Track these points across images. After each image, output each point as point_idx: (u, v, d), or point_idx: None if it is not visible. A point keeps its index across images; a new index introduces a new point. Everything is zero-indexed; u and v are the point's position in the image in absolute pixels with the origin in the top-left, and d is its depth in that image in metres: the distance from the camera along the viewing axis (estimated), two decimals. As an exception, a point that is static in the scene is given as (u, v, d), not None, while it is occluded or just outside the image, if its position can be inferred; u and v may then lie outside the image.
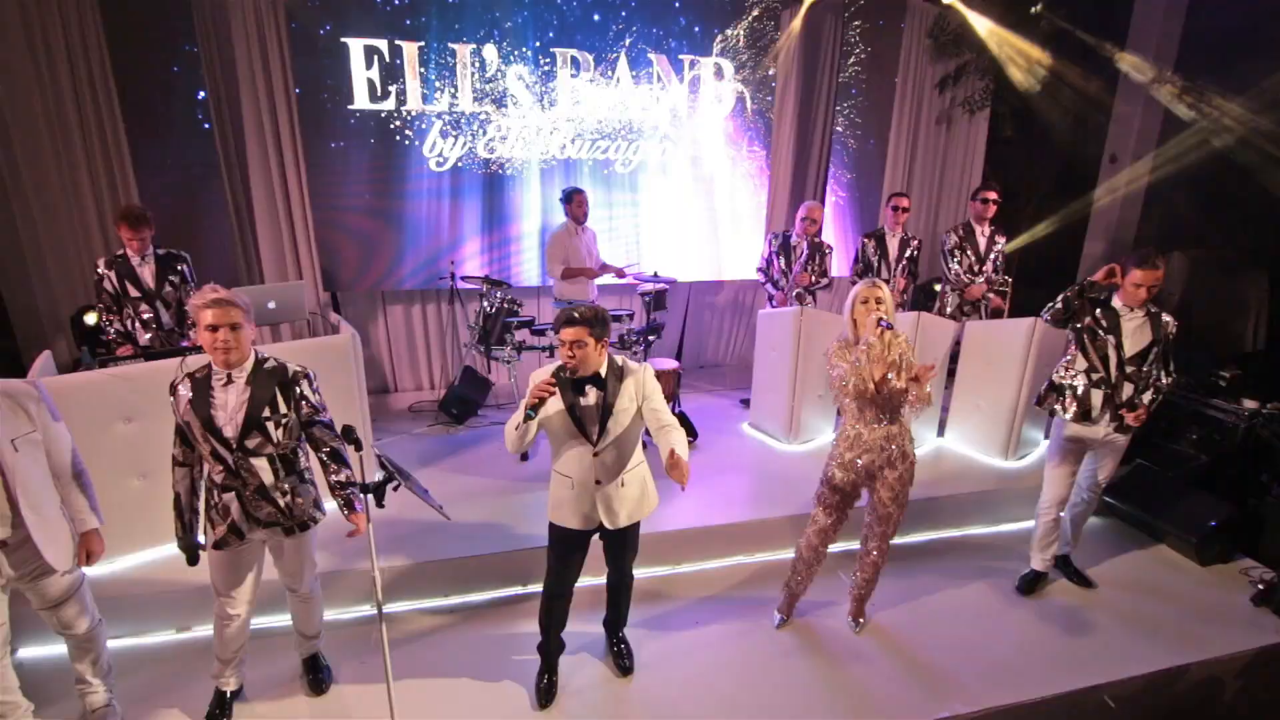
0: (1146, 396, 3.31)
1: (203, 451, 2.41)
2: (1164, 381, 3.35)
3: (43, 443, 2.35)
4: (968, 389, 4.74)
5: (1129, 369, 3.27)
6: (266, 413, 2.39)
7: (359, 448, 2.28)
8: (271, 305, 3.95)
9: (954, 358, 4.79)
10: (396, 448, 4.69)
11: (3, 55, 4.29)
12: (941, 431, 4.93)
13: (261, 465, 2.43)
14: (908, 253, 5.14)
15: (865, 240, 5.24)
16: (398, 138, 5.19)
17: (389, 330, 5.66)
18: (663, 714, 2.85)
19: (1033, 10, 5.80)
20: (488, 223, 5.57)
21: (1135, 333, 3.27)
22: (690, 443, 4.65)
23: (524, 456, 4.42)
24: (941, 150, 6.39)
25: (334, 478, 2.47)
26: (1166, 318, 3.28)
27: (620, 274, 5.23)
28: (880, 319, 2.76)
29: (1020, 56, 5.85)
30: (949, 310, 5.06)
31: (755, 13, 5.71)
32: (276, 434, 2.42)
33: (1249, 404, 4.89)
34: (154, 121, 4.80)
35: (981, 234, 4.99)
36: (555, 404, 2.50)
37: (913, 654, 3.22)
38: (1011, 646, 3.29)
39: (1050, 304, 3.40)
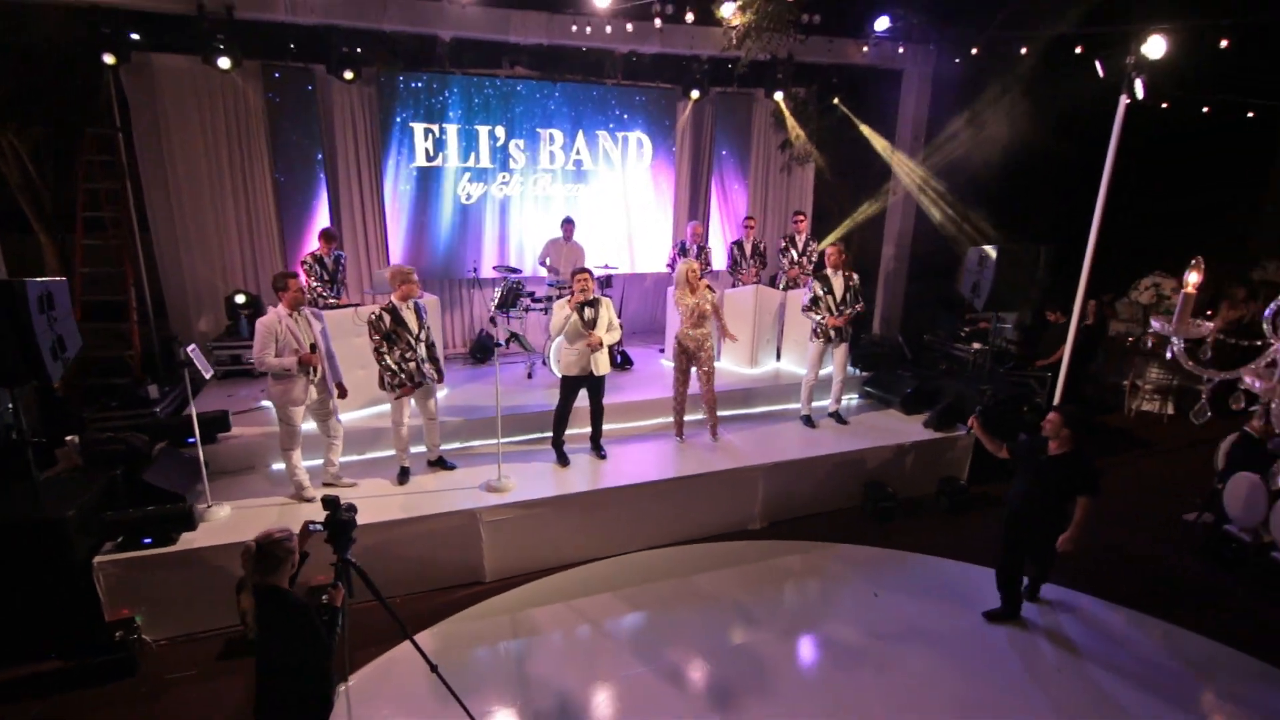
0: (845, 315, 6.37)
1: (400, 343, 5.10)
2: (856, 308, 6.43)
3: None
4: (790, 329, 7.82)
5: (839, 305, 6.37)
6: (417, 325, 5.09)
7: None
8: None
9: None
10: (450, 372, 7.39)
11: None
12: (779, 357, 7.99)
13: (421, 350, 5.13)
14: (758, 250, 8.21)
15: (733, 245, 8.29)
16: (441, 183, 7.95)
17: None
18: (622, 474, 5.68)
19: (834, 101, 9.01)
20: (495, 236, 8.36)
21: (838, 285, 6.35)
22: (629, 368, 7.58)
23: (529, 375, 7.23)
24: (783, 188, 9.56)
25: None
26: (853, 275, 6.37)
27: (553, 273, 8.02)
28: (709, 287, 5.79)
29: (821, 134, 9.06)
30: (781, 285, 8.15)
31: (661, 104, 8.71)
32: (422, 333, 5.13)
33: (975, 345, 8.19)
34: (290, 173, 7.41)
35: (799, 239, 8.12)
36: (563, 315, 5.36)
37: (748, 455, 6.20)
38: (799, 441, 6.32)
39: (811, 304, 6.41)
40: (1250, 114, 8.95)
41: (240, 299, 7.16)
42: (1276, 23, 6.72)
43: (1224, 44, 6.69)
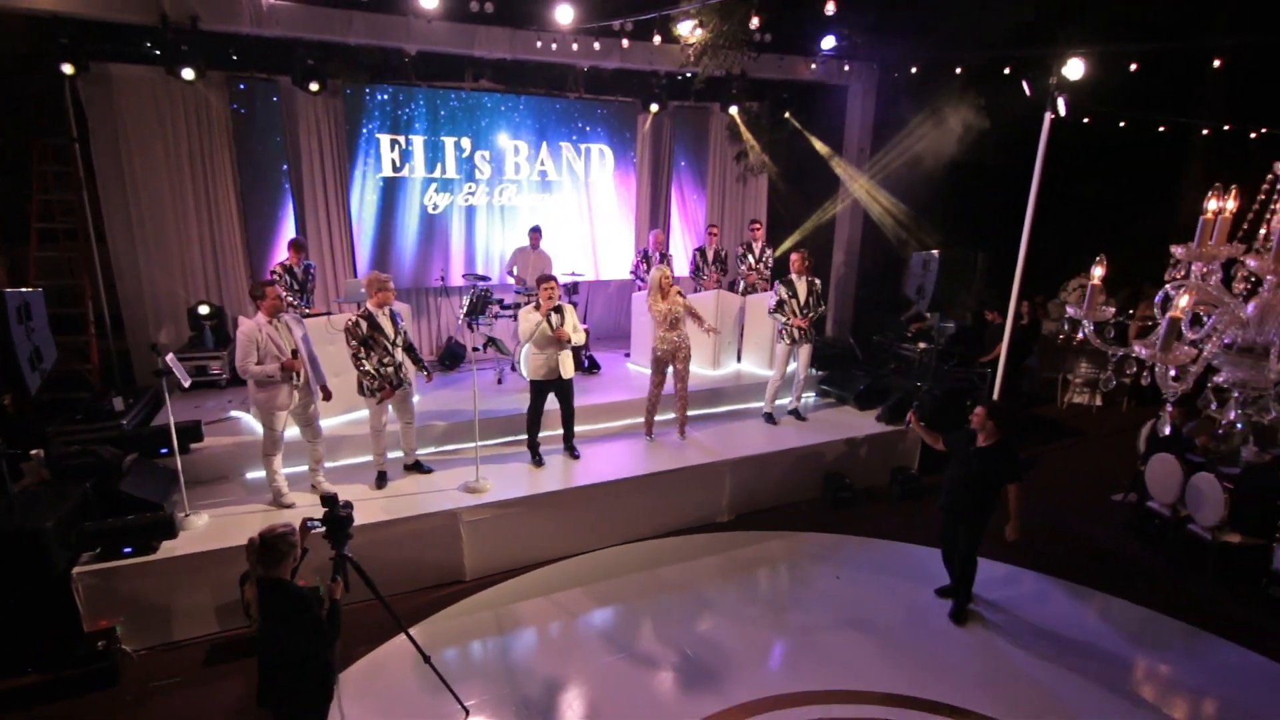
0: (808, 318, 6.73)
1: (378, 348, 5.21)
2: (819, 310, 6.79)
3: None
4: (750, 332, 8.14)
5: (803, 308, 6.71)
6: (393, 331, 5.21)
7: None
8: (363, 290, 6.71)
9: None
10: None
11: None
12: (739, 359, 8.31)
13: (398, 354, 5.25)
14: (720, 257, 8.53)
15: (696, 251, 8.58)
16: (408, 193, 8.01)
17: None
18: (595, 473, 5.87)
19: (785, 115, 9.43)
20: (462, 245, 8.46)
21: (802, 289, 6.70)
22: (596, 372, 7.79)
23: (499, 380, 7.36)
24: (739, 198, 9.92)
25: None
26: (815, 280, 6.74)
27: (520, 281, 8.19)
28: (679, 292, 6.05)
29: (773, 145, 9.48)
30: (740, 289, 8.48)
31: (622, 117, 8.98)
32: (398, 338, 5.24)
33: (921, 345, 8.65)
34: (255, 184, 7.38)
35: (755, 246, 8.47)
36: (534, 320, 5.53)
37: (715, 451, 6.46)
38: (762, 437, 6.62)
39: (777, 307, 6.74)
40: (1161, 129, 9.75)
41: (204, 310, 7.08)
42: (1173, 50, 7.43)
43: (1134, 67, 7.32)
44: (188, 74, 6.36)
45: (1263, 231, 1.77)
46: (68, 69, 6.20)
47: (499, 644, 4.57)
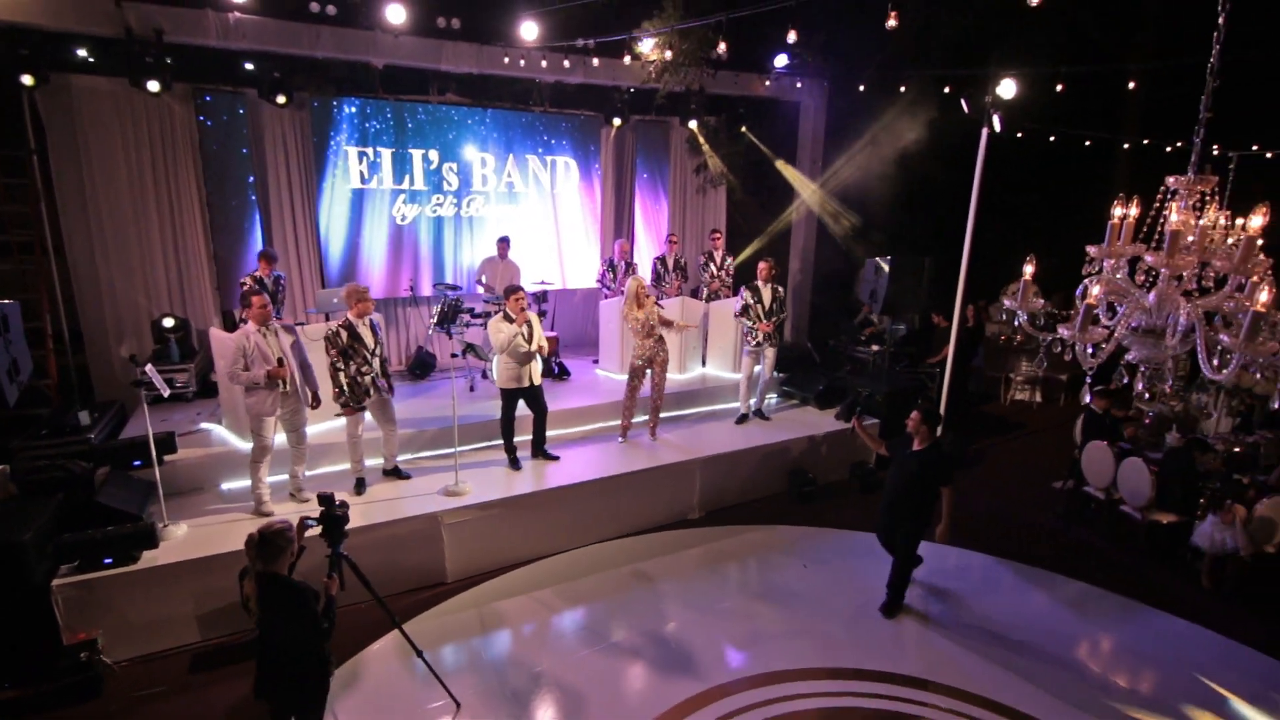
0: (773, 322, 7.07)
1: (357, 358, 5.30)
2: (782, 315, 7.13)
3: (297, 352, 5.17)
4: (714, 337, 8.44)
5: (768, 313, 7.04)
6: (373, 341, 5.31)
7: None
8: (335, 300, 6.77)
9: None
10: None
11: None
12: (704, 363, 8.60)
13: (376, 364, 5.36)
14: (680, 265, 8.82)
15: (656, 260, 8.86)
16: (376, 205, 8.08)
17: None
18: (570, 474, 6.03)
19: (742, 129, 9.82)
20: (430, 256, 8.55)
21: (767, 295, 7.03)
22: (566, 379, 7.97)
23: (471, 388, 7.47)
24: (700, 208, 10.26)
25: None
26: (779, 287, 7.08)
27: (489, 290, 8.33)
28: (656, 300, 6.30)
29: (731, 158, 9.86)
30: (703, 296, 8.78)
31: (586, 130, 9.22)
32: (378, 349, 5.35)
33: (874, 348, 9.07)
34: (221, 196, 7.35)
35: (716, 254, 8.79)
36: (512, 331, 5.69)
37: (686, 451, 6.71)
38: (730, 436, 6.89)
39: (743, 311, 7.05)
40: (1087, 143, 10.50)
41: (168, 322, 7.00)
42: (1094, 72, 8.08)
43: (1060, 88, 7.93)
44: (153, 86, 6.33)
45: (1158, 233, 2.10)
46: (27, 80, 6.12)
47: (484, 641, 4.70)
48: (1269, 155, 8.99)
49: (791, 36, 6.00)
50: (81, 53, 6.28)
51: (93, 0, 6.05)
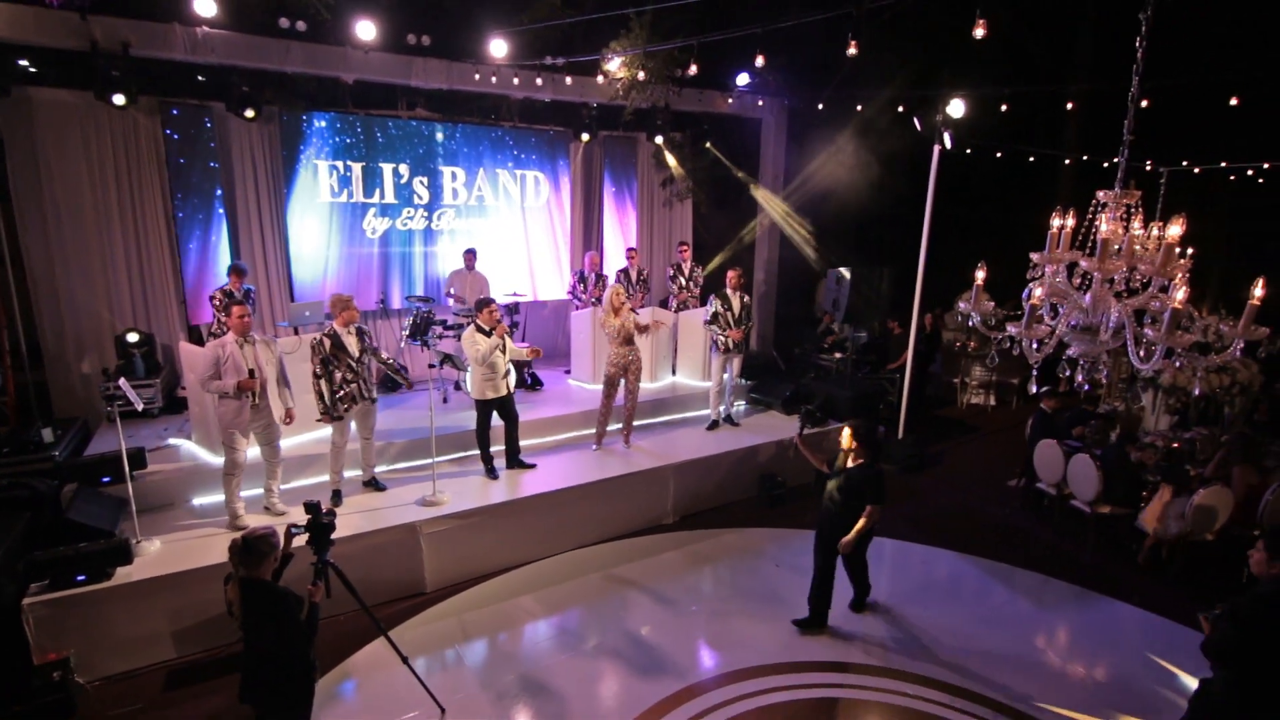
0: (742, 330, 7.28)
1: (341, 365, 5.34)
2: (749, 323, 7.35)
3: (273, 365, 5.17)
4: (683, 347, 8.63)
5: (737, 321, 7.26)
6: (358, 348, 5.37)
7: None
8: (308, 313, 6.76)
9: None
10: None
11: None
12: (674, 371, 8.78)
13: (362, 369, 5.40)
14: (642, 277, 9.00)
15: (620, 273, 9.02)
16: (346, 218, 8.08)
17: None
18: (547, 482, 6.11)
19: (706, 145, 10.10)
20: (400, 269, 8.57)
21: (736, 303, 7.25)
22: (539, 389, 8.06)
23: (444, 400, 7.51)
24: (666, 221, 10.49)
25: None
26: (746, 296, 7.30)
27: (459, 301, 8.39)
28: (632, 309, 6.46)
29: (696, 173, 10.13)
30: (673, 307, 8.98)
31: (555, 145, 9.38)
32: (365, 356, 5.40)
33: (837, 355, 9.37)
34: (188, 209, 7.28)
35: (685, 266, 9.01)
36: (491, 344, 5.78)
37: (659, 457, 6.85)
38: (701, 442, 7.06)
39: (712, 319, 7.25)
40: (1031, 159, 11.07)
41: (133, 337, 6.89)
42: (1035, 94, 8.58)
43: (1004, 107, 8.40)
44: (118, 100, 6.28)
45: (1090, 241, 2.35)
46: (-13, 93, 6.02)
47: (465, 648, 4.75)
48: (1196, 170, 9.62)
49: (759, 61, 6.26)
50: (42, 66, 6.20)
51: (57, 13, 5.99)
